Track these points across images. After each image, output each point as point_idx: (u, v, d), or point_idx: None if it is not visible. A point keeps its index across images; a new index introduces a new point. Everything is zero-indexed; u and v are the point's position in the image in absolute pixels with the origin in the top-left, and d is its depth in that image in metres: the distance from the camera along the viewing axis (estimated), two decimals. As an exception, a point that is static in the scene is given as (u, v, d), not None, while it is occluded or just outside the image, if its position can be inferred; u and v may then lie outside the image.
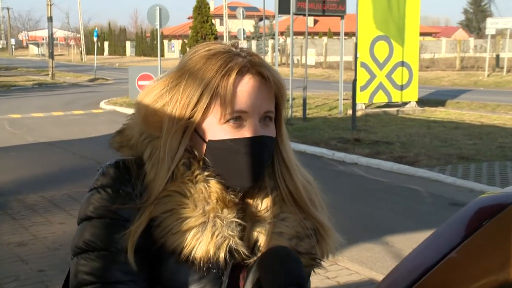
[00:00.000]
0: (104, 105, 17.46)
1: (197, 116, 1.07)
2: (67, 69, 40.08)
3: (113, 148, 1.15)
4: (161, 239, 1.04)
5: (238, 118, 1.07)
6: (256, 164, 1.09)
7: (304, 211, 1.13)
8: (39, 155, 9.57)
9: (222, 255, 1.04)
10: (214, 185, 1.07)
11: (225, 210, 1.06)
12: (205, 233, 1.03)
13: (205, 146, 1.09)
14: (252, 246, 1.09)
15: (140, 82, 17.50)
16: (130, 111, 16.12)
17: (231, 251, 1.05)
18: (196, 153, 1.10)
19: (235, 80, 1.06)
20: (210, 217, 1.05)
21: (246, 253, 1.06)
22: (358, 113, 13.43)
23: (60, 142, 10.82)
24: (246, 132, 1.07)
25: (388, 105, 15.37)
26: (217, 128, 1.07)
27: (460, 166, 8.47)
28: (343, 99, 15.32)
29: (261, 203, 1.12)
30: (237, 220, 1.07)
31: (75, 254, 1.06)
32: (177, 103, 1.08)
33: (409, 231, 5.60)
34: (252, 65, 1.08)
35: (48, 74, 30.80)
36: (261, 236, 1.09)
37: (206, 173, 1.07)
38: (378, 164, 8.71)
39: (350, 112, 13.48)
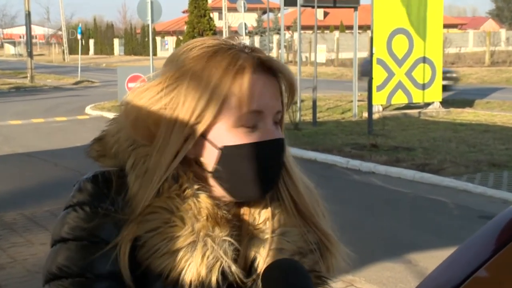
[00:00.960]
0: (90, 111, 17.53)
1: (206, 121, 1.07)
2: (48, 70, 40.26)
3: (91, 157, 1.14)
4: (146, 260, 1.03)
5: (251, 121, 1.08)
6: (275, 170, 1.10)
7: (308, 221, 1.14)
8: (18, 168, 9.60)
9: (214, 278, 1.03)
10: (204, 200, 1.06)
11: (217, 228, 1.06)
12: (195, 254, 1.03)
13: (217, 153, 1.08)
14: (249, 266, 1.09)
15: (130, 84, 17.53)
16: (119, 116, 16.07)
17: (224, 274, 1.04)
18: (203, 162, 1.10)
19: (247, 78, 1.07)
20: (200, 236, 1.04)
21: (241, 276, 1.06)
22: (375, 116, 13.43)
23: (41, 152, 10.86)
24: (262, 135, 1.08)
25: (408, 106, 15.36)
26: (229, 133, 1.07)
27: (491, 174, 8.45)
28: (358, 101, 15.33)
29: (259, 216, 1.13)
30: (229, 239, 1.06)
31: (47, 281, 1.05)
32: (178, 107, 1.08)
33: (434, 248, 5.59)
34: (261, 61, 1.09)
35: (26, 77, 30.92)
36: (259, 254, 1.09)
37: (196, 187, 1.07)
38: (398, 173, 8.71)
39: (365, 115, 13.48)
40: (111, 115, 14.92)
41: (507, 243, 1.19)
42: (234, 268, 1.05)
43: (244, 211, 1.14)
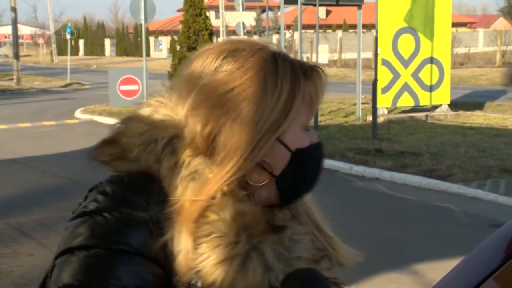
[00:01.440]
0: (80, 114, 17.54)
1: (286, 122, 1.09)
2: (36, 72, 40.30)
3: (100, 161, 1.08)
4: (191, 270, 0.99)
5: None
6: (320, 173, 1.17)
7: (316, 226, 1.17)
8: (3, 175, 9.60)
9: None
10: (258, 206, 1.05)
11: (271, 235, 1.05)
12: (249, 263, 0.99)
13: (288, 156, 1.10)
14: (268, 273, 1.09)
15: (122, 87, 17.59)
16: (110, 120, 16.30)
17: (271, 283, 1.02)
18: (271, 165, 1.09)
19: (322, 78, 1.16)
20: (254, 243, 1.01)
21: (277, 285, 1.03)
22: (380, 120, 13.45)
23: (28, 158, 10.86)
24: (314, 137, 1.15)
25: (415, 109, 15.38)
26: (300, 135, 1.12)
27: (502, 181, 8.46)
28: (362, 103, 15.35)
29: (274, 223, 1.12)
30: (282, 249, 1.07)
31: None
32: (253, 109, 1.05)
33: (443, 258, 5.59)
34: (306, 64, 1.17)
35: (12, 79, 30.96)
36: (278, 263, 1.08)
37: (244, 192, 1.04)
38: (404, 179, 8.72)
39: (370, 118, 13.50)
40: (101, 119, 14.83)
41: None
42: (280, 277, 1.04)
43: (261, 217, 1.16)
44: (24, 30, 77.59)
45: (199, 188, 1.01)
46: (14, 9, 29.03)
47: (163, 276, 0.99)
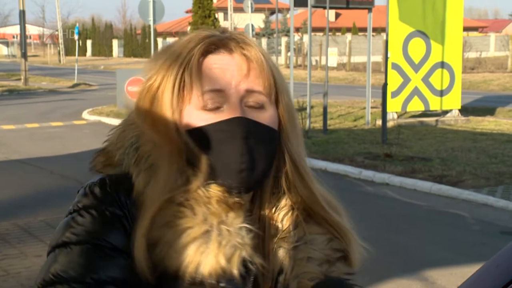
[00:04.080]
0: (87, 115, 17.59)
1: (176, 105, 1.10)
2: (43, 72, 40.44)
3: (96, 170, 1.14)
4: (162, 260, 1.02)
5: (215, 101, 1.09)
6: (245, 157, 1.08)
7: (323, 218, 1.15)
8: (11, 175, 9.64)
9: (235, 270, 1.01)
10: (213, 188, 1.06)
11: (231, 214, 1.05)
12: (210, 245, 1.01)
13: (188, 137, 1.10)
14: (277, 274, 1.10)
15: (130, 88, 17.63)
16: (118, 121, 16.03)
17: (246, 265, 1.03)
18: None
19: (208, 57, 1.11)
20: (213, 224, 1.03)
21: (264, 264, 1.06)
22: (389, 124, 13.43)
23: (36, 159, 10.91)
24: (224, 116, 1.09)
25: (425, 114, 15.35)
26: (196, 116, 1.10)
27: (513, 187, 8.44)
28: (371, 108, 15.34)
29: (283, 222, 1.14)
30: (246, 225, 1.05)
31: None
32: (158, 96, 1.12)
33: (453, 265, 5.58)
34: (231, 39, 1.13)
35: (20, 79, 31.09)
36: (285, 263, 1.10)
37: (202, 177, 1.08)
38: (414, 185, 8.70)
39: (379, 122, 13.48)
40: (109, 120, 14.87)
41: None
42: (255, 257, 1.04)
43: (265, 217, 1.15)
44: (32, 30, 77.95)
45: (155, 181, 1.06)
46: (22, 11, 29.11)
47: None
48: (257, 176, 1.10)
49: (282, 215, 1.15)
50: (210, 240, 1.01)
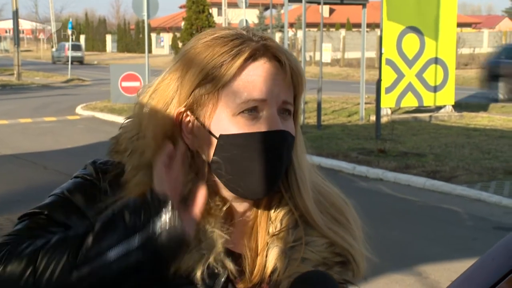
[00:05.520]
0: (81, 111, 17.54)
1: (200, 107, 1.10)
2: (36, 67, 40.26)
3: (107, 154, 1.21)
4: None
5: (253, 109, 1.08)
6: (273, 167, 1.09)
7: (335, 232, 1.16)
8: (4, 170, 9.61)
9: (198, 274, 1.04)
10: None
11: (208, 220, 1.08)
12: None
13: (215, 143, 1.09)
14: (270, 274, 1.11)
15: (124, 83, 17.57)
16: (112, 117, 16.32)
17: (213, 270, 1.06)
18: (201, 152, 1.11)
19: (248, 64, 1.09)
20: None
21: (234, 272, 1.08)
22: (383, 120, 13.45)
23: (29, 154, 10.87)
24: (263, 125, 1.08)
25: (418, 110, 15.38)
26: (230, 122, 1.08)
27: (506, 183, 8.46)
28: (365, 103, 15.35)
29: (281, 222, 1.14)
30: (218, 231, 1.07)
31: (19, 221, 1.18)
32: (171, 93, 1.12)
33: (446, 260, 5.60)
34: (267, 48, 1.11)
35: (13, 74, 30.93)
36: (279, 262, 1.11)
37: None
38: (408, 180, 8.72)
39: (373, 118, 13.50)
40: (103, 115, 14.81)
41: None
42: (228, 263, 1.06)
43: (263, 214, 1.15)
44: (25, 25, 77.59)
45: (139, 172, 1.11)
46: (15, 6, 28.95)
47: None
48: (276, 186, 1.12)
49: (282, 215, 1.15)
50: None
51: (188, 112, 1.10)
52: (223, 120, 1.08)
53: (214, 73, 1.08)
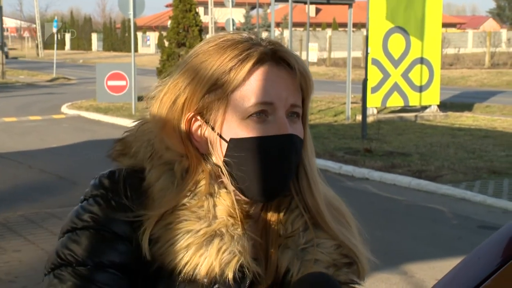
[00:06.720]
0: (66, 110, 17.45)
1: (209, 112, 1.11)
2: (21, 66, 40.00)
3: (110, 157, 1.18)
4: (161, 256, 1.06)
5: (262, 113, 1.10)
6: (283, 170, 1.11)
7: (327, 232, 1.17)
8: (-11, 169, 9.54)
9: (230, 275, 1.06)
10: (223, 196, 1.10)
11: (236, 223, 1.09)
12: (210, 248, 1.06)
13: (225, 147, 1.11)
14: (283, 275, 1.13)
15: (110, 82, 17.50)
16: (97, 116, 16.27)
17: (243, 271, 1.07)
18: (212, 156, 1.13)
19: (256, 68, 1.10)
20: (217, 231, 1.07)
21: (260, 273, 1.09)
22: (369, 119, 13.50)
23: (14, 153, 10.79)
24: (272, 129, 1.10)
25: (404, 109, 15.45)
26: (239, 126, 1.10)
27: (491, 182, 8.53)
28: (351, 103, 15.40)
29: (292, 225, 1.16)
30: (249, 233, 1.09)
31: (48, 272, 1.08)
32: (180, 98, 1.13)
33: (432, 258, 5.63)
34: (275, 52, 1.12)
35: (-3, 72, 30.70)
36: (292, 264, 1.12)
37: (212, 182, 1.11)
38: (394, 180, 8.76)
39: (359, 118, 13.54)
40: (89, 114, 14.74)
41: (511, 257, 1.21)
42: (253, 265, 1.08)
43: (273, 217, 1.17)
44: (9, 23, 77.01)
45: (171, 184, 1.09)
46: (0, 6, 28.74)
47: (137, 258, 1.07)
48: (286, 189, 1.14)
49: (293, 218, 1.16)
50: (211, 244, 1.06)
51: (198, 117, 1.13)
52: (232, 124, 1.10)
53: (223, 79, 1.09)
